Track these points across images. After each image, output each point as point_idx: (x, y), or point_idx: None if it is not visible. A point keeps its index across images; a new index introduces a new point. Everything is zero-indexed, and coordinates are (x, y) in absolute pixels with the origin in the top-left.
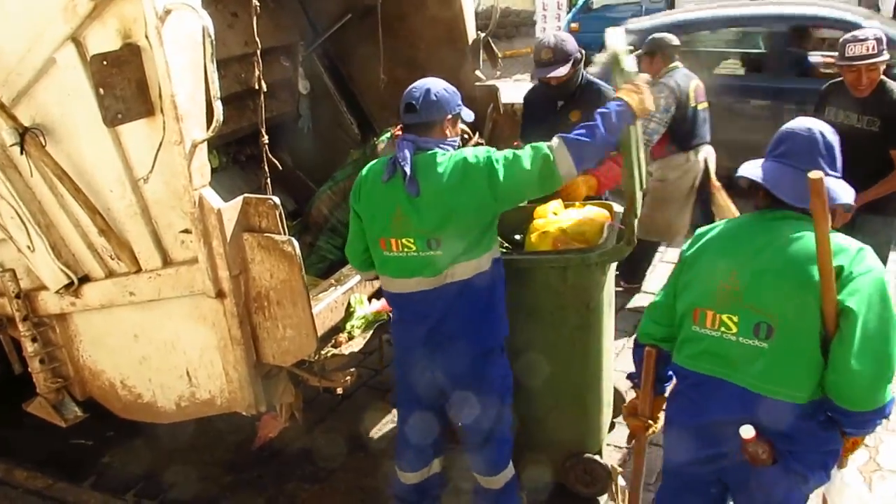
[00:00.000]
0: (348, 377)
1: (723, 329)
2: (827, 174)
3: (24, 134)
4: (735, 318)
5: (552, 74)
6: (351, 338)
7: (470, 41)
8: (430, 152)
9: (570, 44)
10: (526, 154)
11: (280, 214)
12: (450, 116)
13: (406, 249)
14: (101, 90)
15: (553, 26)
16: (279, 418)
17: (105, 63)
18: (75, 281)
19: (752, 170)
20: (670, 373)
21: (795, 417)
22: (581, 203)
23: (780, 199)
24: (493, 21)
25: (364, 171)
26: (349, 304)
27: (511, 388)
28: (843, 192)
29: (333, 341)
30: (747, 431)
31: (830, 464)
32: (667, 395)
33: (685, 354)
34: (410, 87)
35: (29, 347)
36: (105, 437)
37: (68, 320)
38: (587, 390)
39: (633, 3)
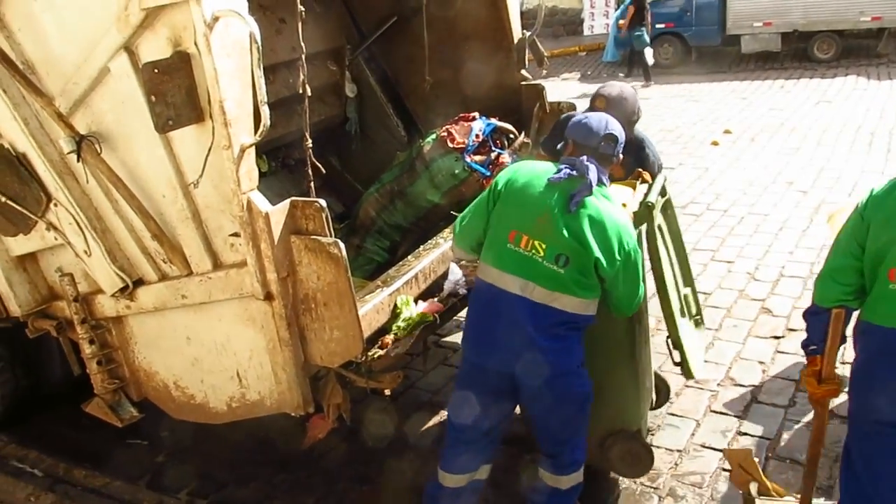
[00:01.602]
0: (395, 378)
1: None
2: None
3: (81, 142)
4: None
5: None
6: (397, 339)
7: (515, 41)
8: (603, 187)
9: (635, 103)
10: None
11: (326, 217)
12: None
13: (534, 251)
14: (153, 97)
15: (601, 24)
16: (327, 419)
17: (156, 71)
18: (130, 284)
19: None
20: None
21: None
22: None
23: None
24: (539, 20)
25: (524, 165)
26: (395, 305)
27: (591, 396)
28: None
29: (380, 343)
30: None
31: None
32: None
33: (881, 313)
34: (596, 116)
35: (87, 349)
36: (159, 437)
37: (124, 323)
38: (627, 366)
39: None
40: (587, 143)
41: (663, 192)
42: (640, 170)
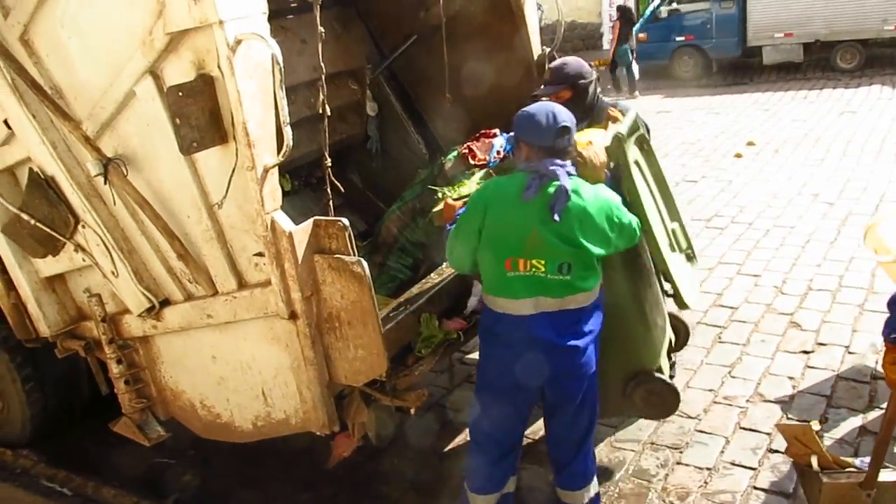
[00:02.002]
0: (420, 396)
1: None
2: None
3: (108, 164)
4: None
5: (537, 93)
6: (421, 357)
7: (535, 57)
8: (573, 180)
9: (572, 68)
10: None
11: (349, 236)
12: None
13: (534, 269)
14: (178, 120)
15: None
16: (352, 437)
17: (181, 94)
18: (156, 304)
19: None
20: None
21: None
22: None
23: None
24: (559, 36)
25: (491, 185)
26: (419, 323)
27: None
28: None
29: (404, 361)
30: None
31: None
32: None
33: None
34: (540, 109)
35: (114, 369)
36: (186, 456)
37: (150, 342)
38: (632, 307)
39: (703, 10)
40: (542, 143)
41: (636, 129)
42: (611, 111)
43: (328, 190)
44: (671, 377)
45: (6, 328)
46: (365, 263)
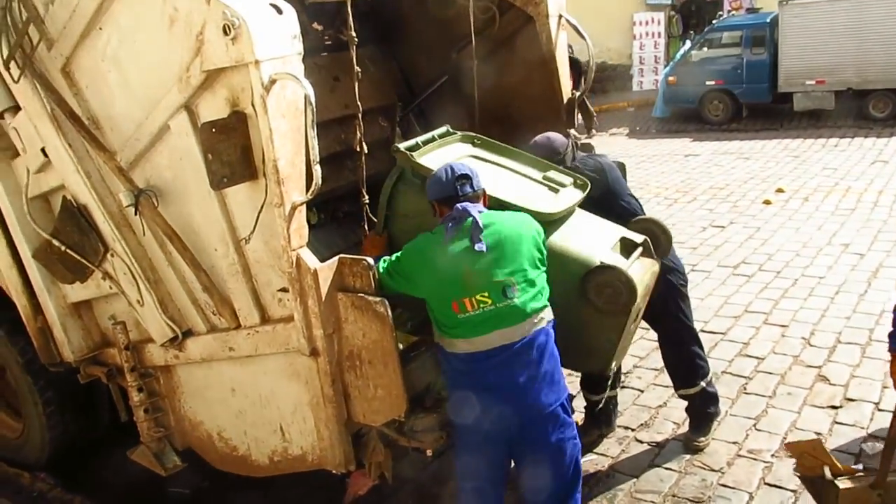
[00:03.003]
0: (438, 439)
1: None
2: None
3: (139, 195)
4: None
5: None
6: (441, 399)
7: (565, 100)
8: (486, 213)
9: (543, 150)
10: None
11: (374, 275)
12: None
13: (482, 305)
14: (209, 155)
15: (650, 80)
16: (369, 476)
17: (214, 130)
18: (179, 335)
19: None
20: None
21: None
22: None
23: None
24: (589, 80)
25: (411, 246)
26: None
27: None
28: None
29: (423, 402)
30: None
31: None
32: None
33: None
34: (440, 168)
35: (135, 397)
36: (200, 488)
37: (172, 372)
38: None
39: (734, 55)
40: (446, 194)
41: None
42: None
43: (365, 226)
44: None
45: (31, 351)
46: (387, 304)
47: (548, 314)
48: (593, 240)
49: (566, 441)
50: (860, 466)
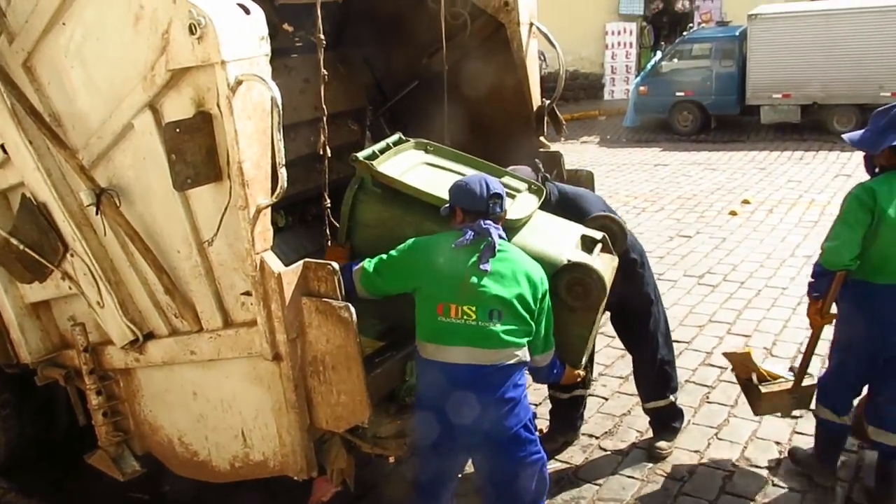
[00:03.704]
0: (401, 445)
1: None
2: None
3: (101, 195)
4: None
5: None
6: (404, 405)
7: (535, 108)
8: (503, 242)
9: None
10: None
11: (339, 280)
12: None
13: (465, 317)
14: (173, 155)
15: (622, 89)
16: (331, 483)
17: (178, 130)
18: (140, 337)
19: None
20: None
21: None
22: None
23: None
24: (559, 88)
25: (420, 240)
26: (405, 371)
27: (547, 480)
28: None
29: (387, 408)
30: None
31: None
32: None
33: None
34: (474, 179)
35: (93, 400)
36: (161, 493)
37: (132, 375)
38: None
39: (704, 67)
40: (476, 207)
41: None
42: None
43: (327, 230)
44: None
45: None
46: (353, 309)
47: (524, 355)
48: (558, 239)
49: (528, 457)
50: (788, 374)
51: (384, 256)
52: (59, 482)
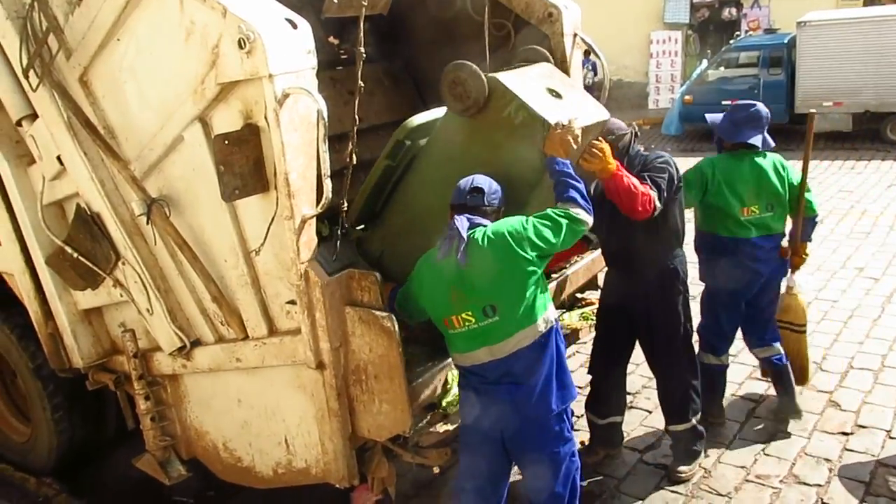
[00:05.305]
0: (443, 455)
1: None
2: None
3: (152, 205)
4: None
5: None
6: (446, 415)
7: None
8: (479, 227)
9: (613, 125)
10: (553, 216)
11: (382, 290)
12: (502, 209)
13: (467, 323)
14: (222, 167)
15: (666, 98)
16: (372, 491)
17: (226, 142)
18: (188, 344)
19: None
20: None
21: None
22: None
23: None
24: (603, 97)
25: (416, 267)
26: (446, 380)
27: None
28: None
29: (429, 417)
30: None
31: None
32: None
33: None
34: (473, 176)
35: (142, 405)
36: (206, 497)
37: (179, 381)
38: None
39: (751, 76)
40: (458, 202)
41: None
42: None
43: (338, 244)
44: None
45: (41, 356)
46: (395, 318)
47: (541, 324)
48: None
49: (560, 454)
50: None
51: (404, 287)
52: (106, 485)
